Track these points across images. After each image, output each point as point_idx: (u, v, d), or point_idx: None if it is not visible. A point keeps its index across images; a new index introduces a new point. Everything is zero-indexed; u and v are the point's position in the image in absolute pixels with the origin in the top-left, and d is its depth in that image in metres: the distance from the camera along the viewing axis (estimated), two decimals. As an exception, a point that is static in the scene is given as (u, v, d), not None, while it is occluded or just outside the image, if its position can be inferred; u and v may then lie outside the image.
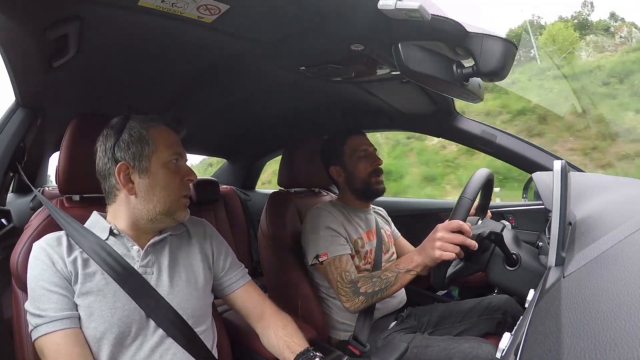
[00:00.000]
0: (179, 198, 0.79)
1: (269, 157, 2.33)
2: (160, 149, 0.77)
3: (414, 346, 1.02)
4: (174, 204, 0.78)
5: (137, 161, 0.75)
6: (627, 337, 0.25)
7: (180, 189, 0.79)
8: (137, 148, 0.75)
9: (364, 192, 1.25)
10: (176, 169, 0.79)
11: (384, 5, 0.62)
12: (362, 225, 1.24)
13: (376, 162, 1.24)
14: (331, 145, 1.29)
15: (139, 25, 0.75)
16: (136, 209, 0.77)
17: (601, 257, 0.43)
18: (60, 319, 0.67)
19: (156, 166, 0.76)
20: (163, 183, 0.76)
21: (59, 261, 0.71)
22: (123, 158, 0.75)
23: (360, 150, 1.24)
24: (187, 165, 0.82)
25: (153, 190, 0.76)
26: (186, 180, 0.80)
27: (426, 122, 1.49)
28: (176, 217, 0.79)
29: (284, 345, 0.82)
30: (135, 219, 0.77)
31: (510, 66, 0.73)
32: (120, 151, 0.76)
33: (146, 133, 0.77)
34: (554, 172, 0.61)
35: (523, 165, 1.36)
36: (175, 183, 0.78)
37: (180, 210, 0.79)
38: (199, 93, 1.20)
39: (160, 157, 0.77)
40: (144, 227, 0.78)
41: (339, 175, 1.27)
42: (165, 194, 0.76)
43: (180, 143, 0.83)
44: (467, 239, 0.86)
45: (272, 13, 0.72)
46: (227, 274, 0.89)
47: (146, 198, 0.76)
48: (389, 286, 0.99)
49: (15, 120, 1.00)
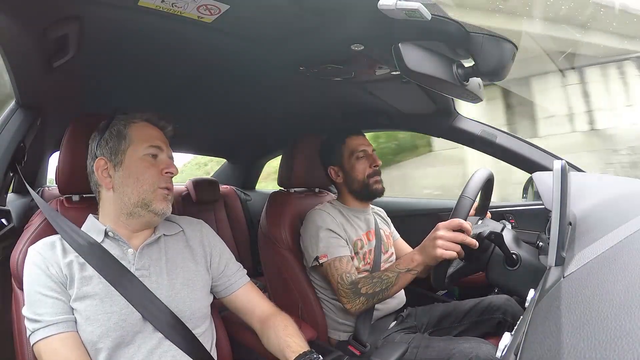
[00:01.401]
0: (155, 189, 0.78)
1: (269, 157, 2.33)
2: (136, 143, 0.78)
3: (413, 346, 1.02)
4: (148, 195, 0.77)
5: (114, 155, 0.78)
6: (627, 337, 0.25)
7: (156, 181, 0.78)
8: (114, 144, 0.78)
9: (363, 193, 1.24)
10: (153, 162, 0.79)
11: (384, 5, 0.62)
12: (361, 226, 1.24)
13: (375, 162, 1.24)
14: (329, 145, 1.29)
15: (139, 25, 0.75)
16: (115, 204, 0.78)
17: (601, 257, 0.43)
18: (57, 322, 0.67)
19: (130, 159, 0.78)
20: (136, 174, 0.77)
21: (53, 265, 0.71)
22: (102, 154, 0.78)
23: (359, 150, 1.24)
24: (167, 159, 0.82)
25: (127, 182, 0.77)
26: (165, 173, 0.79)
27: (426, 122, 1.48)
28: (152, 208, 0.77)
29: (284, 345, 0.81)
30: (117, 214, 0.78)
31: (510, 66, 0.73)
32: (100, 149, 0.79)
33: (124, 129, 0.79)
34: (554, 172, 0.61)
35: (523, 165, 1.35)
36: (150, 174, 0.78)
37: (156, 202, 0.78)
38: (199, 93, 1.20)
39: (136, 150, 0.78)
40: (128, 223, 0.78)
41: (337, 175, 1.27)
42: (138, 184, 0.77)
43: (162, 138, 0.83)
44: (468, 238, 0.86)
45: (272, 13, 0.72)
46: (225, 276, 0.88)
47: (121, 190, 0.77)
48: (390, 286, 0.99)
49: (15, 120, 1.00)
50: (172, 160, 0.84)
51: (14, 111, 1.01)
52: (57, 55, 0.81)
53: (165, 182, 0.80)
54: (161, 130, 0.84)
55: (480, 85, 0.89)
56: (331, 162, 1.28)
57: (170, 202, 0.81)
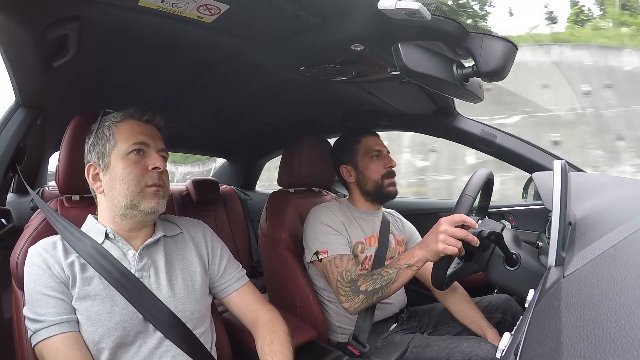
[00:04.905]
0: (142, 189, 0.75)
1: (269, 157, 2.33)
2: (120, 143, 0.77)
3: (413, 346, 1.02)
4: (135, 196, 0.75)
5: (101, 159, 0.77)
6: (627, 337, 0.25)
7: (142, 179, 0.75)
8: (100, 147, 0.77)
9: (375, 194, 1.22)
10: (139, 159, 0.76)
11: (384, 5, 0.62)
12: (365, 230, 1.21)
13: (389, 163, 1.21)
14: (344, 143, 1.27)
15: (139, 25, 0.75)
16: (108, 207, 0.77)
17: (601, 257, 0.43)
18: (59, 323, 0.67)
19: (115, 160, 0.76)
20: (121, 176, 0.75)
21: (55, 265, 0.70)
22: (91, 159, 0.78)
23: (374, 150, 1.22)
24: (155, 154, 0.78)
25: (114, 185, 0.76)
26: (151, 169, 0.76)
27: (426, 122, 1.48)
28: (142, 208, 0.75)
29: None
30: (112, 217, 0.77)
31: (511, 66, 0.73)
32: (89, 153, 0.79)
33: (108, 131, 0.78)
34: (554, 172, 0.61)
35: (523, 165, 1.35)
36: (135, 174, 0.75)
37: (145, 201, 0.75)
38: (199, 93, 1.20)
39: (119, 150, 0.76)
40: (123, 225, 0.78)
41: (350, 175, 1.24)
42: (124, 186, 0.75)
43: (149, 133, 0.79)
44: (470, 234, 0.86)
45: (272, 13, 0.72)
46: (222, 277, 0.88)
47: (110, 194, 0.76)
48: (390, 283, 0.97)
49: (15, 120, 1.00)
50: (163, 153, 0.80)
51: (14, 111, 1.01)
52: (57, 55, 0.81)
53: (152, 179, 0.76)
54: (148, 124, 0.81)
55: (481, 85, 0.89)
56: (344, 161, 1.25)
57: (163, 198, 0.78)
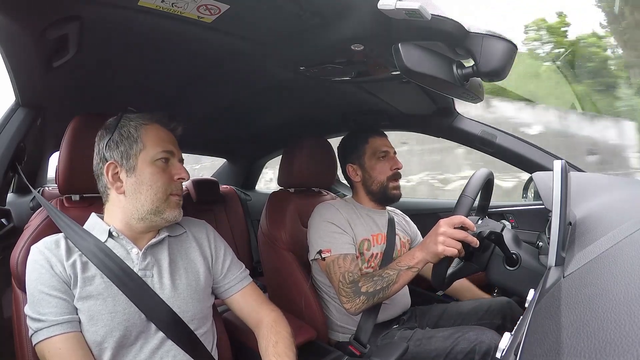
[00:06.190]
0: (167, 197, 0.78)
1: (269, 157, 2.33)
2: (149, 147, 0.77)
3: (417, 338, 1.02)
4: (161, 203, 0.77)
5: (125, 160, 0.76)
6: (627, 337, 0.25)
7: (168, 188, 0.78)
8: (125, 147, 0.76)
9: (380, 196, 1.22)
10: (165, 167, 0.78)
11: (384, 5, 0.62)
12: (372, 227, 1.20)
13: (396, 165, 1.22)
14: (352, 142, 1.27)
15: (139, 25, 0.75)
16: (126, 209, 0.77)
17: (601, 257, 0.43)
18: (61, 322, 0.67)
19: (143, 164, 0.76)
20: (149, 181, 0.76)
21: (57, 264, 0.70)
22: (112, 157, 0.76)
23: (381, 151, 1.22)
24: (178, 164, 0.81)
25: (139, 189, 0.76)
26: (177, 179, 0.79)
27: (426, 122, 1.48)
28: (165, 216, 0.78)
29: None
30: (127, 218, 0.77)
31: (511, 66, 0.73)
32: (109, 150, 0.77)
33: (135, 132, 0.77)
34: (554, 172, 0.61)
35: (523, 165, 1.35)
36: (163, 181, 0.77)
37: (169, 210, 0.78)
38: (199, 93, 1.20)
39: (148, 155, 0.76)
40: (137, 227, 0.78)
41: (356, 174, 1.25)
42: (152, 192, 0.76)
43: (174, 141, 0.82)
44: (469, 236, 0.86)
45: (272, 13, 0.72)
46: (225, 278, 0.88)
47: (134, 197, 0.76)
48: (391, 284, 0.97)
49: (15, 120, 0.99)
50: (182, 163, 0.83)
51: (14, 111, 1.01)
52: (57, 55, 0.81)
53: (177, 189, 0.79)
54: (171, 133, 0.83)
55: (481, 85, 0.89)
56: (351, 159, 1.26)
57: (181, 208, 0.81)
